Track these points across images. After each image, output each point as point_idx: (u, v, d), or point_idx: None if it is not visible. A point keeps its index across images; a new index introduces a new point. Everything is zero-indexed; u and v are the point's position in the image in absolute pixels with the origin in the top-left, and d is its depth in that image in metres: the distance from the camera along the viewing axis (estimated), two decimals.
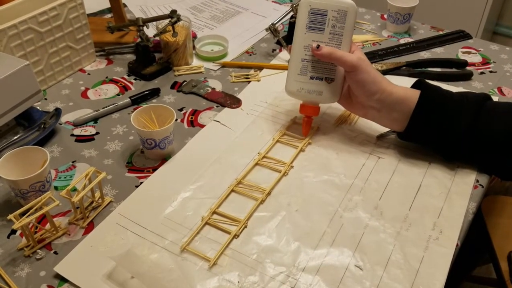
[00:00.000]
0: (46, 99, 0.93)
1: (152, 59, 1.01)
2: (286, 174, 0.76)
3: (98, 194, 0.71)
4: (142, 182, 0.75)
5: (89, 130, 0.86)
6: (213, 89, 0.96)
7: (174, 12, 0.96)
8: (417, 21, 1.19)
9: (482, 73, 1.02)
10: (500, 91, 0.96)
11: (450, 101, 0.74)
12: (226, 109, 0.91)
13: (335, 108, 0.89)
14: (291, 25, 1.08)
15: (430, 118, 0.73)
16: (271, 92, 0.95)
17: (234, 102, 0.92)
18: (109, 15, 1.21)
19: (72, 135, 0.85)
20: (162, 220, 0.69)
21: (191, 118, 0.89)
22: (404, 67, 1.01)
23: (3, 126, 0.81)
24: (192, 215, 0.69)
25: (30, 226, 0.65)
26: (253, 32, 1.16)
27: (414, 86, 0.77)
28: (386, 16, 1.17)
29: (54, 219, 0.68)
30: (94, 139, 0.84)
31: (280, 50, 1.09)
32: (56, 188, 0.75)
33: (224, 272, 0.62)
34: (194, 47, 1.06)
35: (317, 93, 0.79)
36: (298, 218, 0.69)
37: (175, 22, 0.96)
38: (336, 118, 0.88)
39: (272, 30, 1.05)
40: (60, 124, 0.87)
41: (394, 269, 0.62)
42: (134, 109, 0.88)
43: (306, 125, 0.82)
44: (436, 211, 0.70)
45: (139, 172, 0.77)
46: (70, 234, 0.67)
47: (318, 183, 0.75)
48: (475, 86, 0.98)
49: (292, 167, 0.78)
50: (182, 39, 0.99)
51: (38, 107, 0.89)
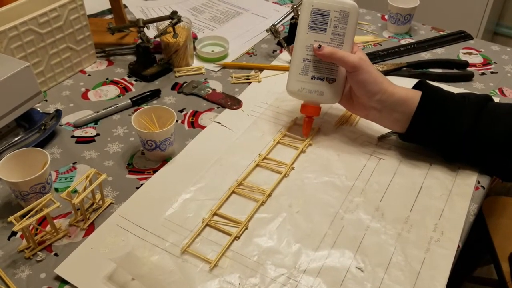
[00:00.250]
0: (46, 101, 0.93)
1: (152, 60, 1.01)
2: (287, 175, 0.76)
3: (98, 196, 0.71)
4: (142, 184, 0.75)
5: (89, 132, 0.86)
6: (213, 90, 0.96)
7: (174, 13, 0.96)
8: (418, 21, 1.19)
9: (483, 74, 1.01)
10: (501, 92, 0.96)
11: (451, 102, 0.74)
12: (227, 110, 0.91)
13: (336, 109, 0.89)
14: (292, 26, 1.08)
15: (431, 119, 0.73)
16: (272, 93, 0.94)
17: (235, 103, 0.92)
18: (109, 16, 1.21)
19: (72, 137, 0.85)
20: (163, 221, 0.69)
21: (192, 119, 0.89)
22: (405, 68, 1.01)
23: (4, 128, 0.81)
24: (192, 217, 0.69)
25: (30, 228, 0.64)
26: (253, 33, 1.16)
27: (415, 87, 0.77)
28: (387, 16, 1.17)
29: (55, 221, 0.68)
30: (94, 141, 0.84)
31: (280, 51, 1.09)
32: (56, 189, 0.75)
33: (224, 274, 0.62)
34: (194, 48, 1.06)
35: (318, 93, 0.79)
36: (299, 220, 0.69)
37: (176, 23, 0.96)
38: (337, 120, 0.88)
39: (272, 31, 1.05)
40: (60, 125, 0.87)
41: (395, 270, 0.62)
42: (135, 110, 0.88)
43: (306, 125, 0.82)
44: (437, 213, 0.70)
45: (140, 173, 0.77)
46: (70, 236, 0.67)
47: (319, 185, 0.75)
48: (476, 87, 0.97)
49: (293, 169, 0.77)
50: (183, 40, 0.99)
51: (39, 109, 0.89)
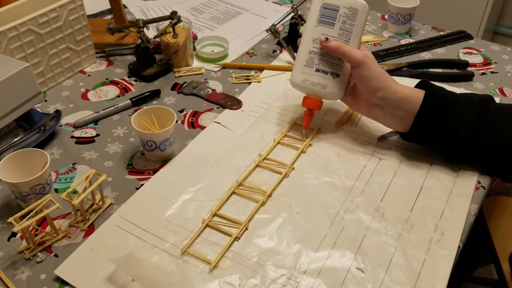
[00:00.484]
0: (46, 101, 0.93)
1: (152, 61, 1.01)
2: (287, 175, 0.76)
3: (98, 197, 0.71)
4: (142, 184, 0.75)
5: (89, 132, 0.86)
6: (213, 90, 0.96)
7: (174, 13, 0.96)
8: (418, 21, 1.19)
9: (483, 73, 1.01)
10: (501, 92, 0.96)
11: (454, 102, 0.74)
12: (227, 110, 0.91)
13: (336, 109, 0.89)
14: (292, 26, 1.08)
15: (434, 118, 0.73)
16: (272, 93, 0.94)
17: (235, 104, 0.92)
18: (109, 16, 1.21)
19: (72, 137, 0.85)
20: (163, 222, 0.68)
21: (192, 119, 0.89)
22: (405, 68, 1.01)
23: (3, 128, 0.81)
24: (192, 218, 0.69)
25: (30, 228, 0.64)
26: (253, 33, 1.16)
27: (417, 87, 0.77)
28: (387, 16, 1.17)
29: (55, 222, 0.68)
30: (94, 141, 0.84)
31: (280, 51, 1.09)
32: (56, 190, 0.74)
33: (225, 274, 0.62)
34: (194, 48, 1.06)
35: (321, 86, 0.79)
36: (299, 220, 0.69)
37: (176, 23, 0.95)
38: (337, 120, 0.87)
39: (272, 31, 1.05)
40: (60, 126, 0.87)
41: (396, 271, 0.62)
42: (135, 110, 0.88)
43: (307, 117, 0.81)
44: (437, 213, 0.70)
45: (140, 174, 0.77)
46: (70, 237, 0.67)
47: (319, 185, 0.74)
48: (476, 87, 0.97)
49: (293, 169, 0.77)
50: (183, 40, 0.99)
51: (38, 109, 0.89)
